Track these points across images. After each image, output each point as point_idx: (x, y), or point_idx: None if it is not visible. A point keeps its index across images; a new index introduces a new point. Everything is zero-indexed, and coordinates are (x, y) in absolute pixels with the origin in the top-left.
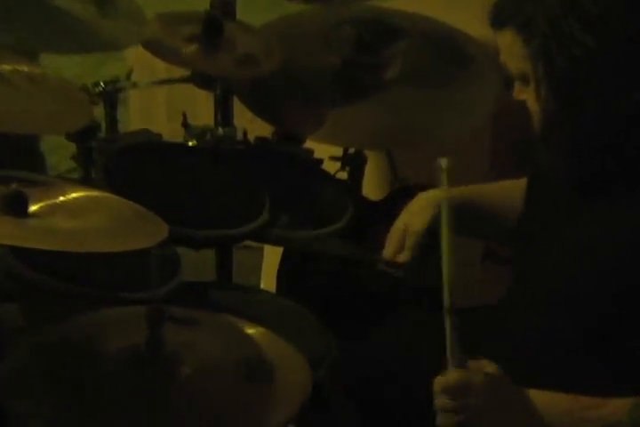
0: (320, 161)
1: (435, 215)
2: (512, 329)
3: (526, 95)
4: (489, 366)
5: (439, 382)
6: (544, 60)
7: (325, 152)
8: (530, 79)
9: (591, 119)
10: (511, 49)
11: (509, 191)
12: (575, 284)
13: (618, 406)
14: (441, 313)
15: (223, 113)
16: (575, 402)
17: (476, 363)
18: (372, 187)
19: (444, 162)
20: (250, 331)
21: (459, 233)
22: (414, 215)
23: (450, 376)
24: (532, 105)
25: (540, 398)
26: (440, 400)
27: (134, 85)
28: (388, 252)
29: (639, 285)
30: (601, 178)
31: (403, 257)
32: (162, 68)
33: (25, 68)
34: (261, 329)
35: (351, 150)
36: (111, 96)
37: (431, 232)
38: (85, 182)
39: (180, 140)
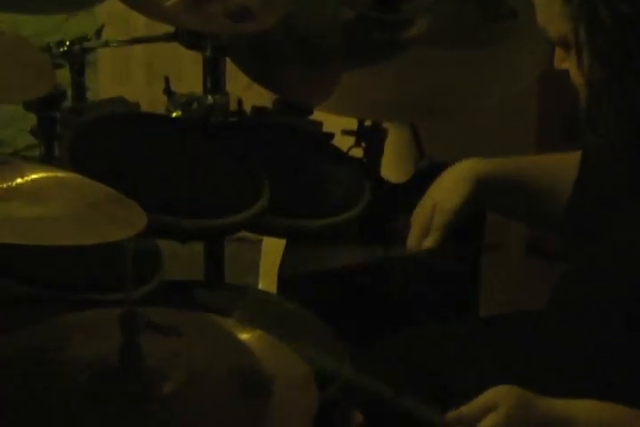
0: (330, 135)
1: (471, 191)
2: (561, 333)
3: (568, 64)
4: (496, 402)
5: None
6: (587, 19)
7: (337, 125)
8: (571, 44)
9: None
10: (549, 7)
11: (559, 167)
12: (634, 283)
13: None
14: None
15: (213, 78)
16: (635, 414)
17: (477, 407)
18: (393, 167)
19: None
20: (244, 336)
21: (498, 213)
22: (446, 191)
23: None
24: (575, 76)
25: (596, 409)
26: None
27: (106, 44)
28: (412, 237)
29: None
30: None
31: (429, 241)
32: (139, 23)
33: None
34: (258, 333)
35: (367, 123)
36: (78, 58)
37: (466, 212)
38: (47, 161)
39: (161, 110)
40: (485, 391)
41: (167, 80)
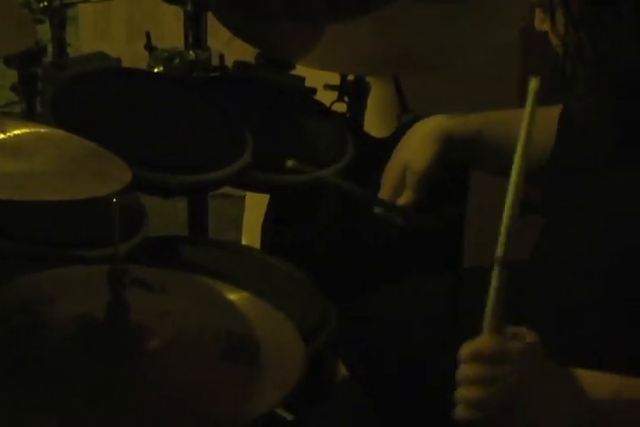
0: (313, 90)
1: (439, 151)
2: (539, 289)
3: (546, 26)
4: (529, 336)
5: (470, 347)
6: None
7: (319, 80)
8: (547, 6)
9: (618, 54)
10: None
11: (538, 121)
12: (608, 243)
13: None
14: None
15: (195, 33)
16: (622, 382)
17: (515, 329)
18: (376, 121)
19: (533, 82)
20: (232, 297)
21: (474, 168)
22: (414, 152)
23: (484, 340)
24: (552, 38)
25: (583, 377)
26: (468, 370)
27: (86, 0)
28: (384, 193)
29: None
30: (636, 125)
31: (403, 199)
32: None
33: None
34: (245, 294)
35: (350, 77)
36: (58, 13)
37: (437, 171)
38: (29, 117)
39: (143, 65)
40: None
41: (148, 35)
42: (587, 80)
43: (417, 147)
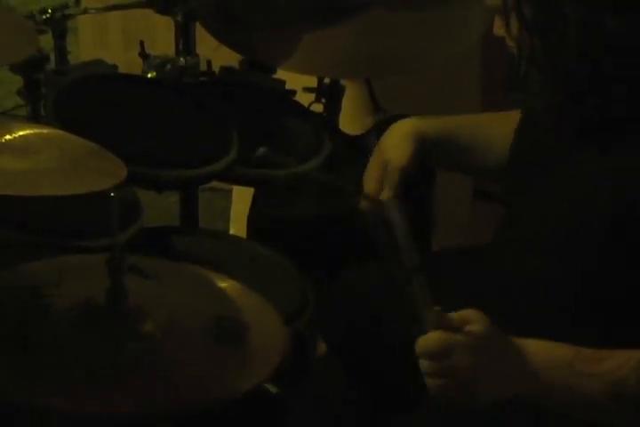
0: (293, 92)
1: (416, 149)
2: (501, 271)
3: (503, 31)
4: (473, 319)
5: (419, 345)
6: None
7: (298, 83)
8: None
9: (565, 55)
10: None
11: (499, 123)
12: (563, 230)
13: (625, 359)
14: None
15: (185, 41)
16: (577, 354)
17: (458, 317)
18: (351, 120)
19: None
20: (222, 285)
21: (444, 168)
22: (394, 149)
23: (429, 339)
24: (508, 41)
25: (538, 349)
26: (424, 364)
27: (85, 11)
28: (369, 188)
29: (625, 234)
30: (587, 123)
31: (384, 195)
32: None
33: None
34: (234, 283)
35: (326, 80)
36: (59, 24)
37: (415, 168)
38: (34, 119)
39: (137, 71)
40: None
41: (142, 44)
42: (539, 80)
43: (396, 145)
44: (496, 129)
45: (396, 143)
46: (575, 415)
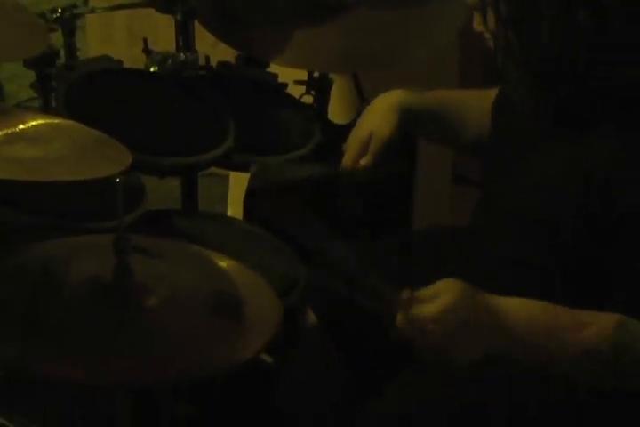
0: (284, 85)
1: (400, 120)
2: (480, 251)
3: (481, 26)
4: (444, 291)
5: (399, 327)
6: None
7: (290, 76)
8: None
9: (539, 49)
10: None
11: (478, 101)
12: (539, 209)
13: (600, 328)
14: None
15: (184, 38)
16: (555, 321)
17: (430, 292)
18: (338, 111)
19: None
20: (220, 263)
21: (426, 139)
22: (380, 119)
23: (399, 321)
24: (486, 34)
25: (519, 315)
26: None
27: (92, 11)
28: (347, 158)
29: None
30: (561, 112)
31: (365, 161)
32: None
33: None
34: (231, 262)
35: (316, 74)
36: (69, 22)
37: (398, 138)
38: (45, 111)
39: (141, 66)
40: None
41: (145, 41)
42: (515, 71)
43: (381, 116)
44: (474, 106)
45: (382, 113)
46: (551, 371)
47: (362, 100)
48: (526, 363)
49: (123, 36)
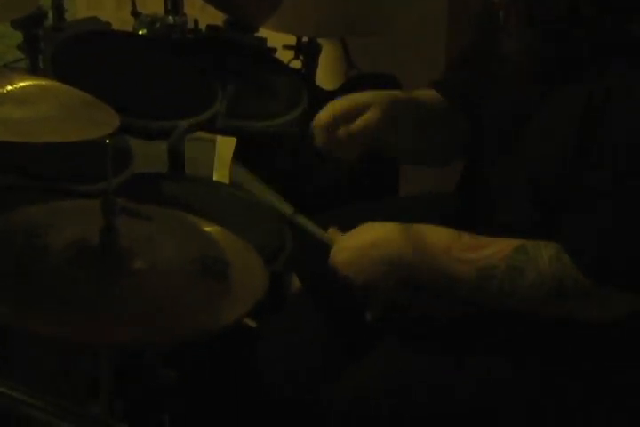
0: (273, 50)
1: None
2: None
3: None
4: (359, 228)
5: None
6: None
7: (279, 41)
8: None
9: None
10: None
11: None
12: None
13: (499, 249)
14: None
15: (173, 1)
16: (456, 241)
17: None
18: (327, 76)
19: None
20: (206, 229)
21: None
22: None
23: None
24: None
25: (422, 235)
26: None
27: None
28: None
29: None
30: (563, 63)
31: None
32: None
33: None
34: (218, 228)
35: (305, 39)
36: None
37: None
38: (33, 72)
39: (129, 28)
40: None
41: (134, 3)
42: (517, 25)
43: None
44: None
45: None
46: (451, 296)
47: (350, 66)
48: (431, 286)
49: None
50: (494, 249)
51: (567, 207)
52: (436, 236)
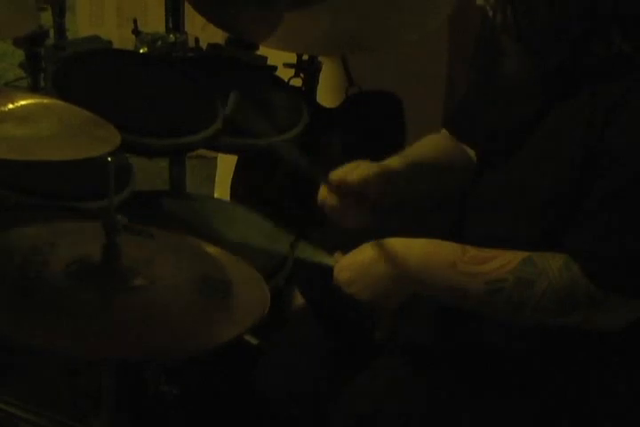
0: (274, 68)
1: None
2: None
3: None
4: (359, 250)
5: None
6: None
7: (279, 59)
8: None
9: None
10: None
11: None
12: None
13: (506, 261)
14: None
15: (174, 19)
16: (461, 255)
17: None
18: (327, 94)
19: None
20: (208, 250)
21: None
22: None
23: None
24: (488, 11)
25: (424, 251)
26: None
27: None
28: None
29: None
30: (565, 75)
31: None
32: None
33: None
34: (219, 249)
35: (305, 57)
36: (59, 2)
37: None
38: (34, 90)
39: (130, 47)
40: None
41: (135, 22)
42: (514, 45)
43: None
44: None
45: None
46: (463, 307)
47: (350, 83)
48: (440, 298)
49: (112, 17)
50: (501, 262)
51: (568, 221)
52: (441, 250)
